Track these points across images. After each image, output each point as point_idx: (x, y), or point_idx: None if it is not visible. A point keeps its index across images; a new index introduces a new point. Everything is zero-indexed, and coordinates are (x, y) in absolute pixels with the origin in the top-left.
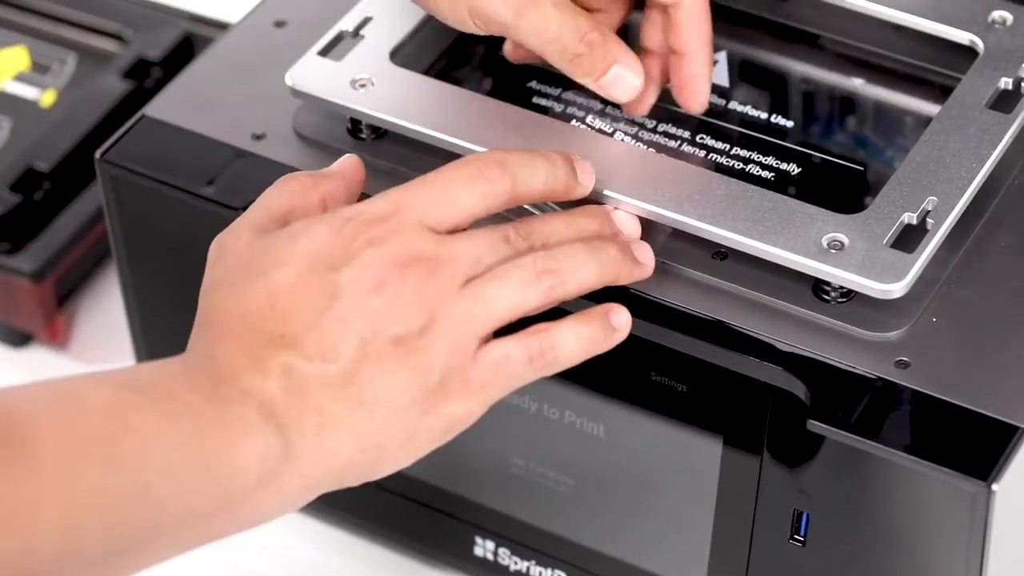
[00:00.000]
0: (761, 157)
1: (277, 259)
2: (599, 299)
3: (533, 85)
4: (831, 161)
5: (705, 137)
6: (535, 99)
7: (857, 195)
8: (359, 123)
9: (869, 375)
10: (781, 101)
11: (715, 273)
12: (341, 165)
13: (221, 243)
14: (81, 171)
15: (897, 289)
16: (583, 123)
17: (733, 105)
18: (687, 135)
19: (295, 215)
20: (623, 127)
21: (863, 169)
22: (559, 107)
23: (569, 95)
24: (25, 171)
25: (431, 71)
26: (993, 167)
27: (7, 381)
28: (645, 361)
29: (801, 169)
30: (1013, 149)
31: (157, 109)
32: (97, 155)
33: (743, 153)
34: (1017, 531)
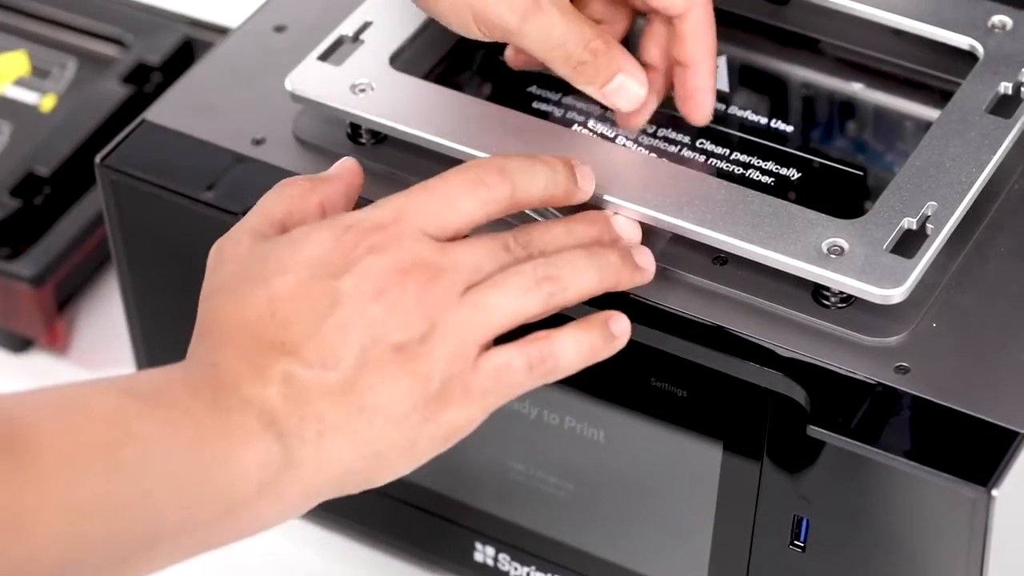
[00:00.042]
0: (761, 162)
1: (277, 266)
2: (600, 305)
3: (533, 90)
4: (831, 166)
5: (705, 142)
6: (535, 104)
7: (857, 200)
8: (359, 128)
9: (869, 380)
10: (781, 106)
11: (715, 278)
12: (339, 169)
13: (221, 248)
14: (81, 176)
15: (897, 294)
16: (583, 128)
17: (733, 110)
18: (687, 140)
19: (293, 219)
20: (623, 132)
21: (863, 174)
22: (559, 112)
23: (569, 100)
24: (25, 176)
25: (431, 76)
26: (993, 172)
27: (7, 386)
28: (645, 366)
29: (801, 174)
30: (1013, 154)
31: (157, 114)
32: (97, 160)
33: (743, 158)
34: (1017, 537)
